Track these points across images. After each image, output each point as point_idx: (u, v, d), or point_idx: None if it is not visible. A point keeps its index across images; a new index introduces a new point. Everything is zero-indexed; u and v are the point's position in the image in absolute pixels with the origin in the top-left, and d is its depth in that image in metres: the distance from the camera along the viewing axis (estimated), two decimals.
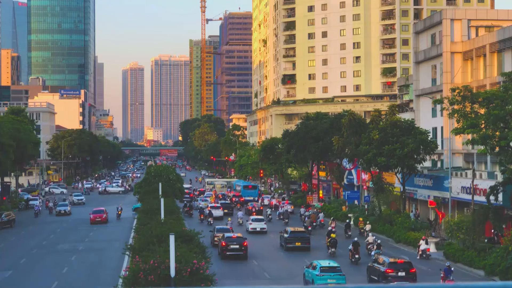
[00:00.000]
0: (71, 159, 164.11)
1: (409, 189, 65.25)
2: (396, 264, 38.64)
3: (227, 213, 77.94)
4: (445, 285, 5.00)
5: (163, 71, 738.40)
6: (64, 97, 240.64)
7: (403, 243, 55.30)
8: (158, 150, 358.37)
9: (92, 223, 71.56)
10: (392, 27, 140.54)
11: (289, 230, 54.05)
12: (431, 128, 69.64)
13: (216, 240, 52.40)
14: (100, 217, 72.69)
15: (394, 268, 38.13)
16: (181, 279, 24.79)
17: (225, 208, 79.90)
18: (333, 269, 38.15)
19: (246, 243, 48.96)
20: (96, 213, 73.46)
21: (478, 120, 45.23)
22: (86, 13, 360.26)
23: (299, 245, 52.04)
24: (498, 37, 63.15)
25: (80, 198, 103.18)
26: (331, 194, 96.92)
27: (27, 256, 51.11)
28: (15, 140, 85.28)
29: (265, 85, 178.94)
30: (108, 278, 40.57)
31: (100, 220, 72.13)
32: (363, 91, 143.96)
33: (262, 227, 63.69)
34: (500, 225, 48.74)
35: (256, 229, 63.18)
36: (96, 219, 72.20)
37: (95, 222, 71.68)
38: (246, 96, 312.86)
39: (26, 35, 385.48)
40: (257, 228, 63.39)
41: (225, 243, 48.46)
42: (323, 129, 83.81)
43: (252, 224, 64.03)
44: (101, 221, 72.04)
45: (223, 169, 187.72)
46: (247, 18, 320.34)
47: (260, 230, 63.30)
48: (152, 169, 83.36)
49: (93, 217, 72.57)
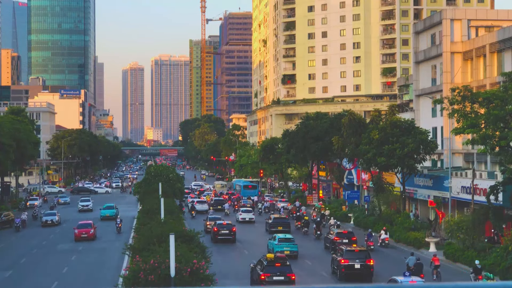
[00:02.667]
0: (71, 159, 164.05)
1: (409, 189, 65.26)
2: (342, 234, 51.91)
3: (220, 209, 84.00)
4: (445, 285, 5.00)
5: (163, 71, 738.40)
6: (64, 97, 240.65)
7: (403, 243, 55.29)
8: (158, 150, 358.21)
9: (77, 240, 58.93)
10: (392, 27, 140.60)
11: (273, 217, 65.58)
12: (431, 128, 69.64)
13: (209, 227, 61.55)
14: (86, 232, 59.70)
15: (340, 237, 50.91)
16: (181, 279, 24.81)
17: (218, 204, 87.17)
18: (288, 240, 49.68)
19: (234, 228, 57.90)
20: (82, 228, 60.52)
21: (478, 120, 45.24)
22: (86, 13, 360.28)
23: (280, 228, 61.08)
24: (498, 37, 63.15)
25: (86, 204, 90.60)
26: (331, 194, 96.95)
27: (27, 256, 51.12)
28: (15, 140, 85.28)
29: (265, 85, 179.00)
30: (108, 278, 40.60)
31: (87, 237, 59.29)
32: (363, 91, 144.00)
33: (250, 217, 73.65)
34: (500, 225, 48.74)
35: (245, 219, 73.11)
36: (81, 235, 59.34)
37: (80, 239, 59.02)
38: (246, 96, 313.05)
39: (26, 35, 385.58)
40: (246, 218, 73.33)
41: (217, 228, 57.21)
42: (323, 129, 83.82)
43: (242, 214, 74.11)
44: (87, 237, 59.25)
45: (223, 169, 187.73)
46: (247, 18, 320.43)
47: (248, 219, 73.24)
48: (152, 169, 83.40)
49: (78, 232, 59.69)
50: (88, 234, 59.45)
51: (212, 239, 56.39)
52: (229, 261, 47.63)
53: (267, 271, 36.83)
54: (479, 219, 47.17)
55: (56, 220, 73.76)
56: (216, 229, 57.05)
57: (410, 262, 41.08)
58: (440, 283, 5.19)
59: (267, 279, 36.42)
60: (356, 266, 40.77)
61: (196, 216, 77.78)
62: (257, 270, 37.95)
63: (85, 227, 60.40)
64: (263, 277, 36.66)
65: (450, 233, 49.33)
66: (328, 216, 71.62)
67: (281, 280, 36.59)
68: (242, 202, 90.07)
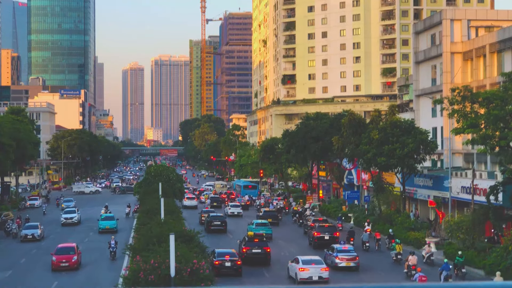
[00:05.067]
0: (71, 159, 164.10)
1: (409, 189, 65.25)
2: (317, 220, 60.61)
3: (216, 206, 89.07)
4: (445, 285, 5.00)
5: (163, 71, 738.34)
6: (64, 97, 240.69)
7: (403, 243, 55.22)
8: (158, 150, 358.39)
9: (54, 269, 44.51)
10: (392, 27, 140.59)
11: (263, 210, 74.65)
12: (431, 128, 69.64)
13: (203, 220, 69.00)
14: (67, 260, 45.00)
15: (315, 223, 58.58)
16: (181, 279, 24.81)
17: (214, 201, 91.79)
18: (264, 224, 60.19)
19: (225, 221, 65.34)
20: (62, 253, 45.72)
21: (478, 120, 45.22)
22: (86, 13, 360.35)
23: (270, 220, 67.31)
24: (498, 37, 63.15)
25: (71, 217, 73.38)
26: (331, 194, 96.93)
27: (27, 256, 51.08)
28: (15, 140, 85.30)
29: (265, 85, 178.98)
30: (108, 278, 40.58)
31: (68, 266, 44.72)
32: (363, 91, 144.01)
33: (238, 212, 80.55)
34: (500, 225, 48.73)
35: (234, 213, 79.63)
36: (60, 264, 44.75)
37: (59, 268, 44.49)
38: (246, 96, 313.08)
39: (26, 35, 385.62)
40: (235, 212, 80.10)
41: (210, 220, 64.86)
42: (323, 129, 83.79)
43: (231, 209, 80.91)
44: (69, 266, 44.67)
45: (223, 169, 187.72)
46: (247, 18, 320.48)
47: (237, 213, 79.91)
48: (152, 169, 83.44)
49: (57, 260, 44.85)
50: (69, 262, 44.81)
51: (206, 229, 62.52)
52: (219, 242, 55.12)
53: (248, 245, 46.33)
54: (479, 219, 47.14)
55: (38, 235, 60.33)
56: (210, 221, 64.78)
57: (364, 237, 54.37)
58: (440, 283, 5.20)
59: (247, 251, 45.89)
60: (325, 238, 53.56)
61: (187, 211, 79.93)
62: (241, 245, 47.53)
63: (65, 253, 45.75)
64: (244, 250, 46.07)
65: (450, 233, 49.30)
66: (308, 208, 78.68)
67: (258, 252, 45.95)
68: (237, 200, 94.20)
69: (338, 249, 44.58)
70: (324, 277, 39.18)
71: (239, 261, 41.93)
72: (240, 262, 42.01)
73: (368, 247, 52.64)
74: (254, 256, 45.54)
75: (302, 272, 39.26)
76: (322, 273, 39.29)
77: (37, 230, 61.07)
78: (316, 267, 39.54)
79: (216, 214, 68.33)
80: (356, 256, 43.98)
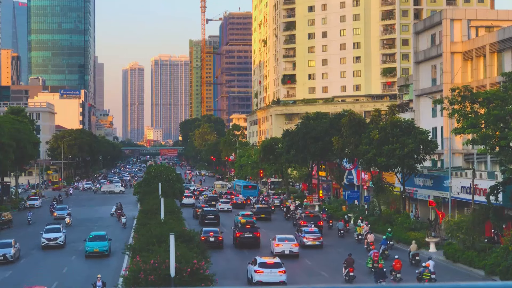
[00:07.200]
0: (71, 159, 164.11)
1: (409, 189, 65.23)
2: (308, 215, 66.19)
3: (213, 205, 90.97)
4: (445, 285, 5.00)
5: (163, 71, 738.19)
6: (64, 97, 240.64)
7: (403, 243, 55.22)
8: (158, 150, 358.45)
9: None
10: (392, 27, 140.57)
11: (257, 206, 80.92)
12: (431, 128, 69.60)
13: (198, 214, 74.81)
14: None
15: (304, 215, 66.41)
16: (181, 279, 24.80)
17: (212, 200, 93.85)
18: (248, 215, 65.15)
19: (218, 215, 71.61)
20: None
21: (478, 120, 45.20)
22: (86, 13, 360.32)
23: (263, 216, 74.17)
24: (498, 37, 63.13)
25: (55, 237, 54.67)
26: (331, 194, 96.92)
27: (27, 256, 51.04)
28: (15, 140, 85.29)
29: (265, 85, 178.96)
30: (108, 278, 40.54)
31: None
32: (363, 91, 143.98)
33: (228, 207, 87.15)
34: (500, 225, 48.70)
35: (224, 208, 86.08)
36: None
37: None
38: (246, 96, 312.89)
39: (26, 35, 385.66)
40: (225, 207, 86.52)
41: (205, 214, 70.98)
42: (323, 129, 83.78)
43: (221, 205, 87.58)
44: None
45: (223, 169, 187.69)
46: (247, 18, 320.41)
47: (226, 209, 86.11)
48: (152, 169, 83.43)
49: None
50: None
51: (200, 223, 69.22)
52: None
53: (240, 231, 53.94)
54: (479, 219, 47.11)
55: (10, 255, 47.15)
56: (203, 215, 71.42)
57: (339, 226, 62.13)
58: (440, 283, 5.19)
59: (240, 236, 53.24)
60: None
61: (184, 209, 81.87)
62: (235, 230, 55.20)
63: None
64: (237, 235, 53.62)
65: (450, 233, 49.26)
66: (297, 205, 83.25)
67: (250, 236, 53.25)
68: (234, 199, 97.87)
69: (305, 231, 55.04)
70: (294, 251, 48.83)
71: (220, 237, 53.32)
72: (221, 238, 53.39)
73: (342, 234, 60.94)
74: (246, 239, 53.35)
75: (277, 247, 49.03)
76: (293, 248, 49.02)
77: (10, 249, 47.43)
78: (288, 243, 49.13)
79: (210, 209, 75.53)
80: (320, 236, 54.45)
